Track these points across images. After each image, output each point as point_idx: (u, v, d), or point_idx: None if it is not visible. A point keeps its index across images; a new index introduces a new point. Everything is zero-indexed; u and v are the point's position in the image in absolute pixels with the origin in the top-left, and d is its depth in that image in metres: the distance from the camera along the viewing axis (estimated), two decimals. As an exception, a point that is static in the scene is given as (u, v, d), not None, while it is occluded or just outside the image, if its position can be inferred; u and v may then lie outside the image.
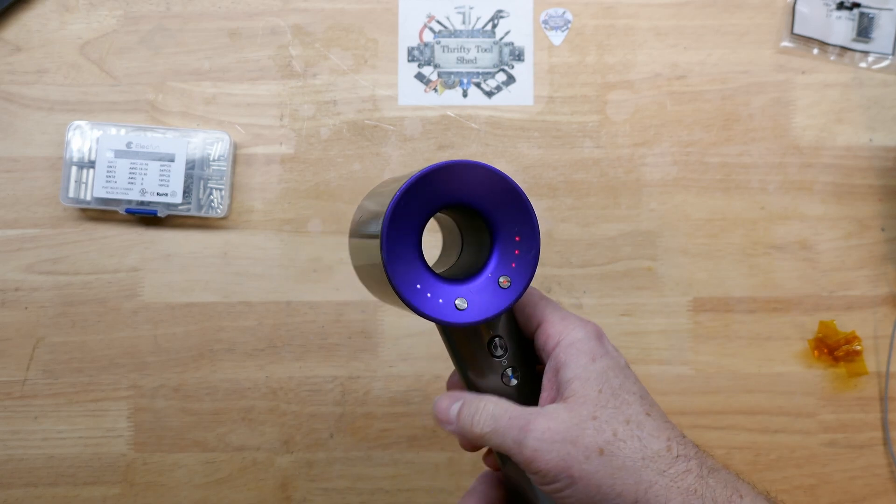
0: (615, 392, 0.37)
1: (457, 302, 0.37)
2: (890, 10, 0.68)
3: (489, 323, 0.39)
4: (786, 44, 0.68)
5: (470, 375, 0.41)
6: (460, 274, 0.39)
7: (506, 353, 0.40)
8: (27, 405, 0.65)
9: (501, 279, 0.38)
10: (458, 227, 0.41)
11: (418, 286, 0.36)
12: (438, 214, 0.39)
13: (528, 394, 0.41)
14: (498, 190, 0.38)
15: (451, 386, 0.44)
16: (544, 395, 0.39)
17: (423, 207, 0.36)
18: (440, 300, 0.37)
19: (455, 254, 0.42)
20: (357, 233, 0.41)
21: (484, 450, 0.45)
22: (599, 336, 0.39)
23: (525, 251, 0.38)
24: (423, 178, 0.36)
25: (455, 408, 0.39)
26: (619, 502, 0.35)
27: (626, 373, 0.38)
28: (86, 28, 0.67)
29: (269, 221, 0.66)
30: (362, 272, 0.42)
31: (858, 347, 0.65)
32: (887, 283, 0.67)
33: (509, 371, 0.40)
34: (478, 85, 0.67)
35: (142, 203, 0.64)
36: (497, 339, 0.40)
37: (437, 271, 0.38)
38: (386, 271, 0.36)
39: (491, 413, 0.38)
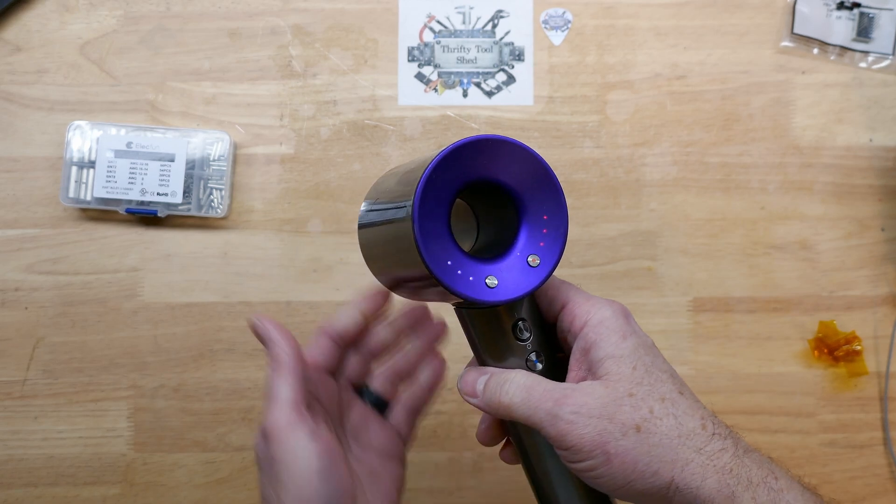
0: (648, 370, 0.37)
1: (487, 280, 0.36)
2: (890, 10, 0.68)
3: (514, 306, 0.39)
4: (786, 44, 0.68)
5: (491, 363, 0.40)
6: (484, 254, 0.38)
7: (531, 337, 0.39)
8: (27, 405, 0.65)
9: (530, 258, 0.37)
10: (473, 209, 0.40)
11: (449, 263, 0.35)
12: (463, 197, 0.39)
13: (552, 379, 0.39)
14: (527, 167, 0.37)
15: (485, 435, 0.43)
16: (572, 375, 0.38)
17: (454, 182, 0.36)
18: (471, 278, 0.35)
19: (471, 237, 0.41)
20: (375, 218, 0.39)
21: (500, 445, 0.44)
22: (626, 315, 0.39)
23: (553, 230, 0.37)
24: (456, 151, 0.35)
25: (483, 380, 0.38)
26: (655, 481, 0.34)
27: (654, 351, 0.38)
28: (86, 28, 0.67)
29: (269, 221, 0.66)
30: (381, 260, 0.40)
31: (858, 347, 0.65)
32: (887, 283, 0.67)
33: (533, 356, 0.39)
34: (478, 85, 0.67)
35: (142, 203, 0.64)
36: (521, 322, 0.39)
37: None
38: (418, 247, 0.34)
39: (522, 384, 0.37)
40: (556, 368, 0.40)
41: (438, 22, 0.68)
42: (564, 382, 0.38)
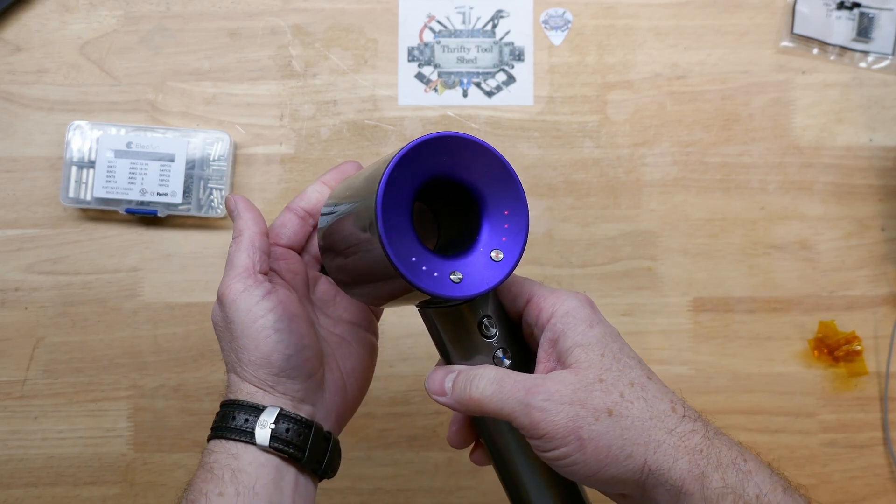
0: (616, 356, 0.37)
1: (452, 276, 0.36)
2: (890, 10, 0.68)
3: (478, 303, 0.39)
4: (786, 44, 0.68)
5: (458, 362, 0.40)
6: (447, 252, 0.38)
7: (497, 334, 0.39)
8: (27, 405, 0.65)
9: (493, 253, 0.37)
10: (431, 208, 0.41)
11: (413, 259, 0.35)
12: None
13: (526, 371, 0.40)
14: (486, 163, 0.37)
15: (456, 436, 0.44)
16: (541, 367, 0.38)
17: (415, 178, 0.36)
18: (435, 274, 0.36)
19: (432, 236, 0.41)
20: (336, 219, 0.39)
21: (469, 448, 0.44)
22: (592, 305, 0.39)
23: (514, 224, 0.38)
24: (416, 148, 0.35)
25: (451, 378, 0.39)
26: (629, 464, 0.35)
27: (621, 340, 0.39)
28: (86, 28, 0.67)
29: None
30: (342, 262, 0.40)
31: (858, 347, 0.65)
32: (887, 283, 0.67)
33: (500, 352, 0.39)
34: (478, 85, 0.67)
35: (142, 203, 0.64)
36: (486, 319, 0.39)
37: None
38: (382, 243, 0.34)
39: (492, 377, 0.37)
40: (522, 364, 0.40)
41: (438, 22, 0.68)
42: (534, 374, 0.38)
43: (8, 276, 0.65)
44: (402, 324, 0.66)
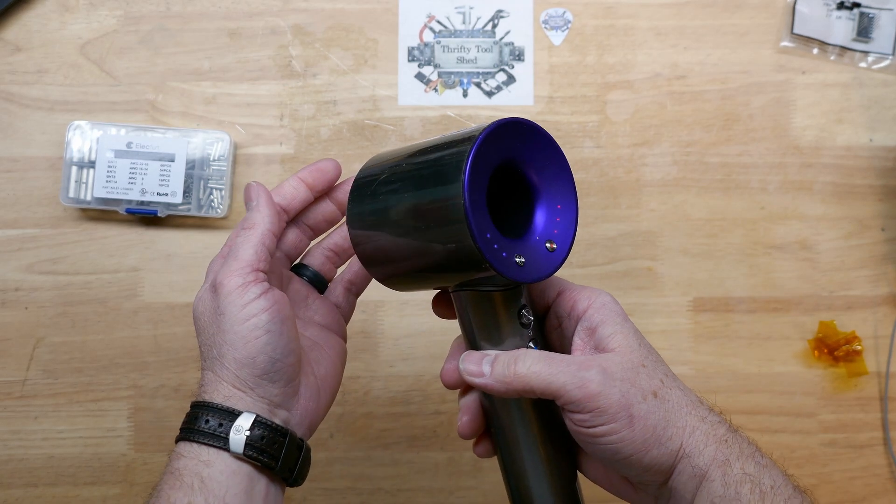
0: (649, 349, 0.39)
1: (516, 258, 0.36)
2: (890, 10, 0.68)
3: (519, 291, 0.39)
4: (786, 44, 0.68)
5: (486, 347, 0.40)
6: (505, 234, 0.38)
7: (531, 324, 0.40)
8: (27, 405, 0.65)
9: (548, 243, 0.38)
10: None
11: (488, 235, 0.35)
12: None
13: None
14: (550, 158, 0.38)
15: (451, 374, 0.42)
16: (577, 354, 0.39)
17: (494, 157, 0.36)
18: (504, 254, 0.36)
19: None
20: (399, 188, 0.38)
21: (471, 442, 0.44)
22: (617, 301, 0.41)
23: (565, 219, 0.39)
24: (504, 126, 0.36)
25: (488, 360, 0.38)
26: (669, 446, 0.36)
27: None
28: (86, 28, 0.67)
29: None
30: (395, 239, 0.39)
31: (858, 347, 0.65)
32: (887, 283, 0.67)
33: (531, 343, 0.40)
34: (478, 85, 0.67)
35: (142, 203, 0.64)
36: (524, 308, 0.40)
37: None
38: (467, 217, 0.34)
39: (539, 356, 0.37)
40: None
41: (438, 22, 0.68)
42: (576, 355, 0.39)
43: (8, 276, 0.65)
44: (402, 324, 0.66)
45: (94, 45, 0.67)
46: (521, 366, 0.37)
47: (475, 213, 0.34)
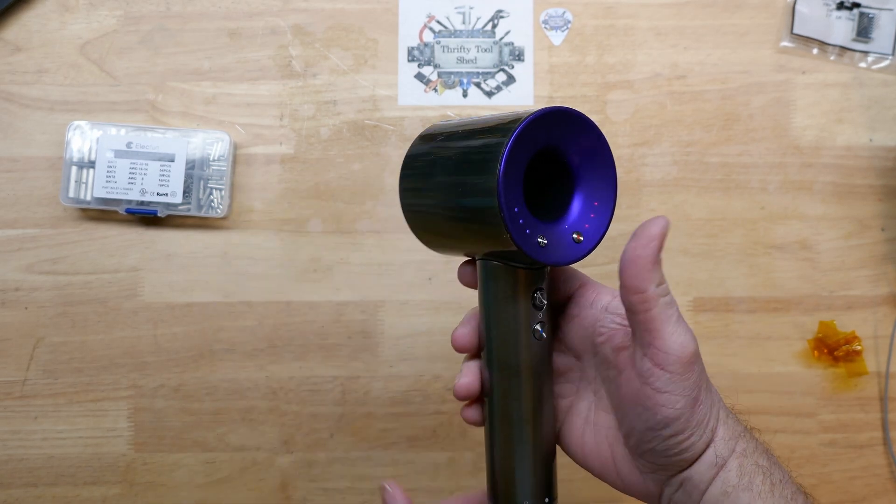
0: None
1: (539, 238, 0.38)
2: (890, 10, 0.68)
3: (540, 274, 0.41)
4: (786, 44, 0.68)
5: (495, 323, 0.41)
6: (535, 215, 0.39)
7: (543, 307, 0.41)
8: (27, 405, 0.65)
9: (575, 234, 0.39)
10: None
11: (516, 209, 0.37)
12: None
13: (548, 355, 0.42)
14: (599, 156, 0.39)
15: (461, 338, 0.43)
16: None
17: (538, 141, 0.37)
18: (527, 231, 0.37)
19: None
20: (450, 153, 0.40)
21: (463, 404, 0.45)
22: None
23: (600, 215, 0.40)
24: (554, 113, 0.37)
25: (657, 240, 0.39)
26: (707, 435, 0.37)
27: None
28: (86, 28, 0.67)
29: (269, 221, 0.66)
30: (437, 194, 0.41)
31: (858, 347, 0.65)
32: (887, 283, 0.67)
33: (539, 326, 0.41)
34: (478, 85, 0.67)
35: (142, 203, 0.64)
36: (540, 291, 0.41)
37: None
38: (498, 186, 0.36)
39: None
40: (551, 345, 0.42)
41: (438, 22, 0.68)
42: None
43: (8, 276, 0.65)
44: (403, 324, 0.66)
45: (94, 45, 0.67)
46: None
47: (507, 189, 0.36)
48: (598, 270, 0.66)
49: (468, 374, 0.43)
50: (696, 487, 0.37)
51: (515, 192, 0.36)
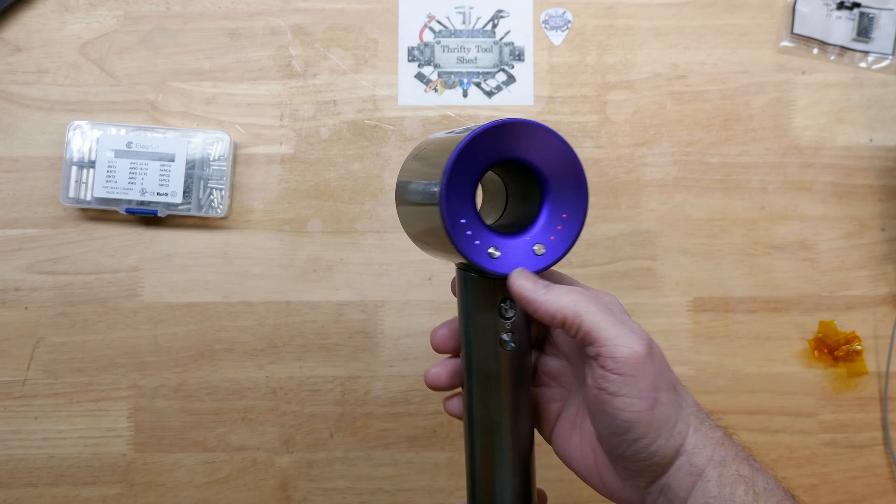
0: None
1: (490, 249, 0.39)
2: (890, 10, 0.68)
3: (504, 285, 0.41)
4: (786, 43, 0.68)
5: (468, 330, 0.42)
6: (501, 229, 0.40)
7: (513, 318, 0.41)
8: (27, 405, 0.65)
9: (537, 246, 0.40)
10: (505, 186, 0.43)
11: (463, 221, 0.38)
12: (498, 173, 0.42)
13: (518, 364, 0.42)
14: (567, 171, 0.40)
15: (438, 338, 0.44)
16: None
17: (492, 154, 0.38)
18: (477, 242, 0.38)
19: (497, 210, 0.44)
20: (416, 167, 0.42)
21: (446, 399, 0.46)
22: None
23: (567, 229, 0.40)
24: (505, 126, 0.38)
25: (545, 283, 0.39)
26: (675, 439, 0.37)
27: None
28: (86, 28, 0.67)
29: (269, 221, 0.66)
30: (410, 208, 0.42)
31: (859, 347, 0.65)
32: (887, 283, 0.67)
33: (507, 336, 0.41)
34: (478, 85, 0.67)
35: (142, 203, 0.64)
36: (508, 300, 0.41)
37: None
38: (441, 199, 0.37)
39: (596, 302, 0.38)
40: (524, 356, 0.42)
41: (438, 22, 0.68)
42: None
43: (8, 276, 0.65)
44: (402, 324, 0.66)
45: (94, 45, 0.67)
46: (580, 299, 0.38)
47: (449, 200, 0.37)
48: (598, 270, 0.66)
49: (439, 366, 0.44)
50: (676, 496, 0.37)
51: (462, 205, 0.38)
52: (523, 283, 0.39)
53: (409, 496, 0.65)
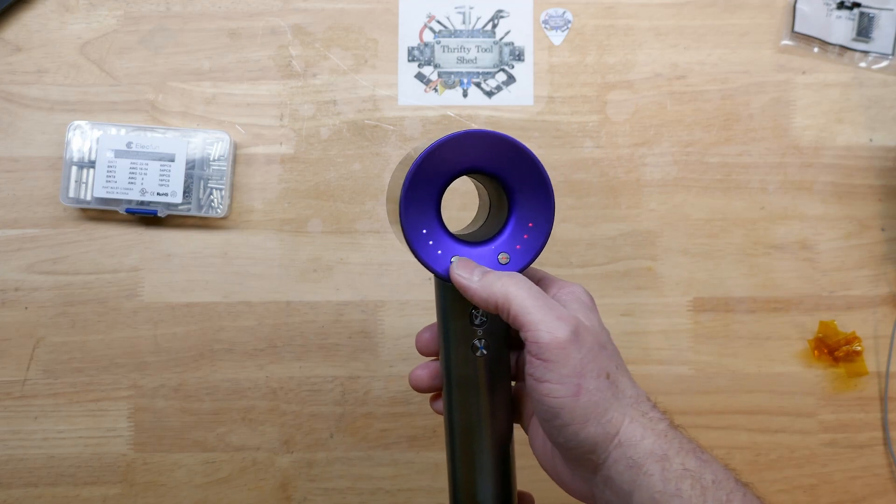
0: (609, 337, 0.41)
1: (453, 258, 0.40)
2: (890, 10, 0.68)
3: None
4: (786, 42, 0.68)
5: (444, 335, 0.43)
6: (474, 238, 0.41)
7: (485, 324, 0.42)
8: (27, 405, 0.65)
9: (501, 255, 0.41)
10: (489, 196, 0.44)
11: (424, 231, 0.39)
12: (479, 182, 0.42)
13: (492, 369, 0.42)
14: (530, 176, 0.40)
15: (421, 341, 0.45)
16: None
17: (456, 164, 0.39)
18: (439, 251, 0.40)
19: (481, 220, 0.45)
20: (391, 182, 0.43)
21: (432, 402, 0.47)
22: (591, 295, 0.42)
23: (533, 238, 0.41)
24: (467, 137, 0.39)
25: (480, 271, 0.40)
26: (607, 428, 0.37)
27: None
28: (86, 28, 0.67)
29: (269, 221, 0.66)
30: (390, 213, 0.44)
31: (859, 348, 0.65)
32: (887, 283, 0.67)
33: (479, 342, 0.42)
34: (478, 85, 0.67)
35: (142, 203, 0.64)
36: (476, 309, 0.42)
37: (455, 231, 0.42)
38: (400, 210, 0.39)
39: (527, 286, 0.38)
40: (496, 362, 0.42)
41: (438, 22, 0.68)
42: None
43: (8, 276, 0.65)
44: (402, 324, 0.66)
45: (94, 45, 0.67)
46: (510, 283, 0.38)
47: (408, 212, 0.39)
48: (598, 270, 0.66)
49: (421, 368, 0.45)
50: (620, 489, 0.37)
51: (423, 216, 0.39)
52: (460, 272, 0.39)
53: (409, 496, 0.65)
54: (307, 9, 0.67)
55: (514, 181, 0.40)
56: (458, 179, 0.40)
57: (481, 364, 0.42)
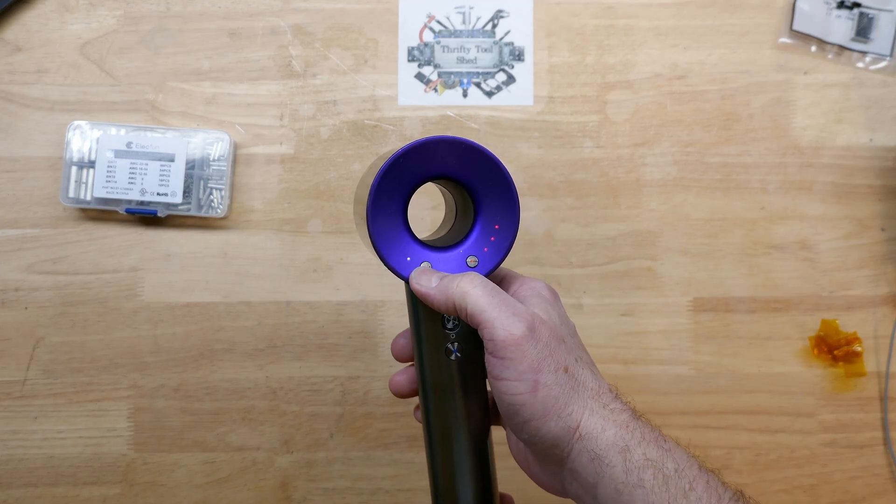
0: (573, 332, 0.41)
1: (423, 264, 0.40)
2: (890, 11, 0.68)
3: None
4: (784, 40, 0.68)
5: (418, 341, 0.43)
6: (442, 243, 0.42)
7: (457, 328, 0.42)
8: (27, 405, 0.65)
9: (469, 259, 0.41)
10: (455, 201, 0.44)
11: (392, 240, 0.40)
12: (444, 187, 0.43)
13: (466, 372, 0.43)
14: (493, 179, 0.41)
15: (396, 347, 0.46)
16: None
17: (421, 171, 0.40)
18: (408, 258, 0.40)
19: (448, 225, 0.45)
20: (358, 190, 0.44)
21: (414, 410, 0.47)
22: (553, 290, 0.42)
23: (500, 240, 0.41)
24: (435, 142, 0.39)
25: (436, 277, 0.40)
26: (567, 421, 0.37)
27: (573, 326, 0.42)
28: (86, 28, 0.67)
29: (269, 221, 0.66)
30: (358, 220, 0.44)
31: (859, 349, 0.65)
32: (887, 283, 0.67)
33: (453, 346, 0.42)
34: (478, 85, 0.67)
35: (142, 203, 0.64)
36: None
37: (423, 236, 0.42)
38: (367, 216, 0.39)
39: (482, 284, 0.39)
40: (469, 364, 0.43)
41: (438, 22, 0.68)
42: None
43: (8, 276, 0.65)
44: (402, 324, 0.66)
45: (94, 45, 0.67)
46: (466, 283, 0.38)
47: (376, 221, 0.40)
48: (598, 270, 0.66)
49: (400, 374, 0.45)
50: (585, 481, 0.37)
51: (390, 223, 0.40)
52: (419, 280, 0.40)
53: (409, 496, 0.65)
54: (307, 9, 0.67)
55: (477, 185, 0.40)
56: (424, 185, 0.41)
57: (455, 367, 0.42)
